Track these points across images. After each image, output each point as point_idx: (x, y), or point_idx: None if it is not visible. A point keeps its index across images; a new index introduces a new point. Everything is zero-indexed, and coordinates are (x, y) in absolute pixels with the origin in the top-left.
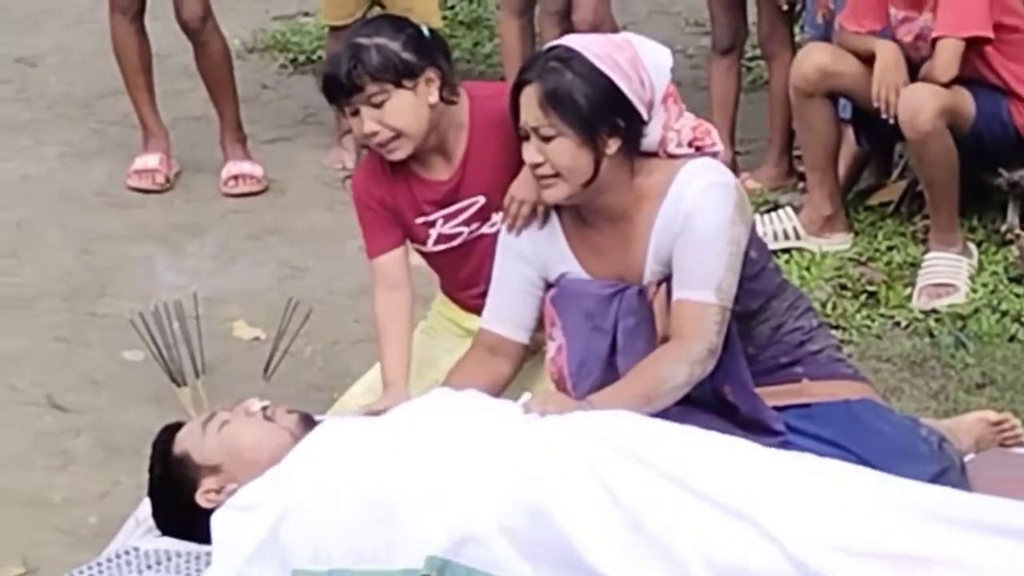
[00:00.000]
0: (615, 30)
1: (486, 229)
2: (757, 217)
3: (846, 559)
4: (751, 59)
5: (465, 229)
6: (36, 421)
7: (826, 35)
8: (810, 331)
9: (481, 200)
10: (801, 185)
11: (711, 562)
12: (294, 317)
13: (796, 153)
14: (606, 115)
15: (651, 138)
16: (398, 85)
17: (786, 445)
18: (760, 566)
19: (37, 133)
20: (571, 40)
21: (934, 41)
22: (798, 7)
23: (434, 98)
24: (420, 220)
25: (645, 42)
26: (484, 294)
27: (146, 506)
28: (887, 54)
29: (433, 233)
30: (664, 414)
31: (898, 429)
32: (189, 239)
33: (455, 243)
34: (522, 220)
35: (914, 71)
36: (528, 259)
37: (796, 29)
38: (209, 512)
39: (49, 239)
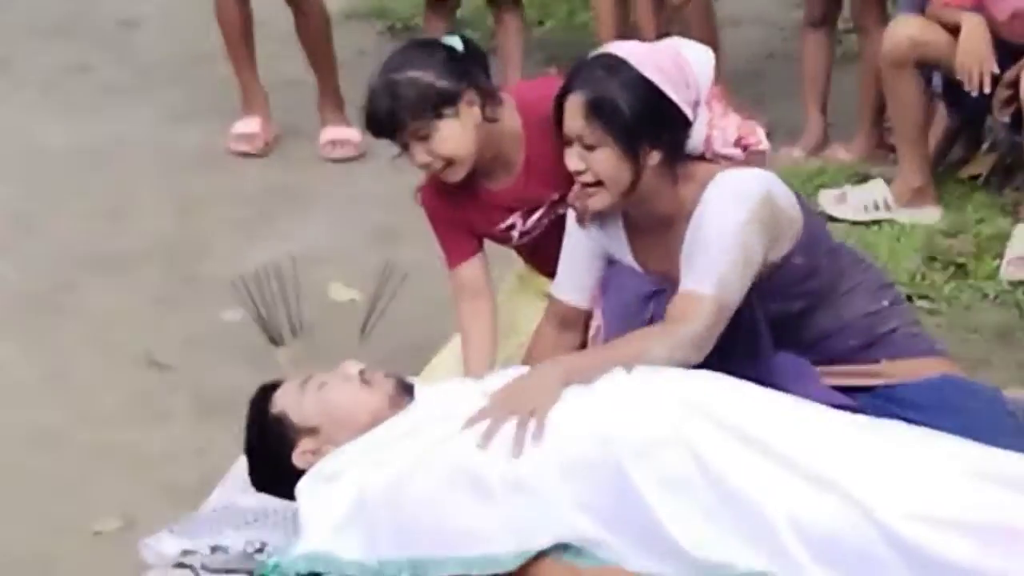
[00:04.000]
0: (708, 5)
1: (563, 210)
2: (848, 188)
3: (932, 527)
4: (843, 32)
5: (544, 220)
6: (135, 379)
7: (920, 13)
8: (881, 311)
9: (553, 195)
10: (892, 157)
11: (799, 528)
12: (390, 279)
13: (887, 125)
14: (649, 125)
15: (696, 138)
16: (439, 116)
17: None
18: (847, 533)
19: (136, 96)
20: (616, 47)
21: None
22: None
23: (478, 118)
24: (498, 227)
25: (688, 43)
26: None
27: (243, 463)
28: (972, 27)
29: (515, 233)
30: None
31: (983, 403)
32: (287, 202)
33: (538, 231)
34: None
35: (1011, 52)
36: (594, 236)
37: (889, 4)
38: (304, 472)
39: (148, 201)
